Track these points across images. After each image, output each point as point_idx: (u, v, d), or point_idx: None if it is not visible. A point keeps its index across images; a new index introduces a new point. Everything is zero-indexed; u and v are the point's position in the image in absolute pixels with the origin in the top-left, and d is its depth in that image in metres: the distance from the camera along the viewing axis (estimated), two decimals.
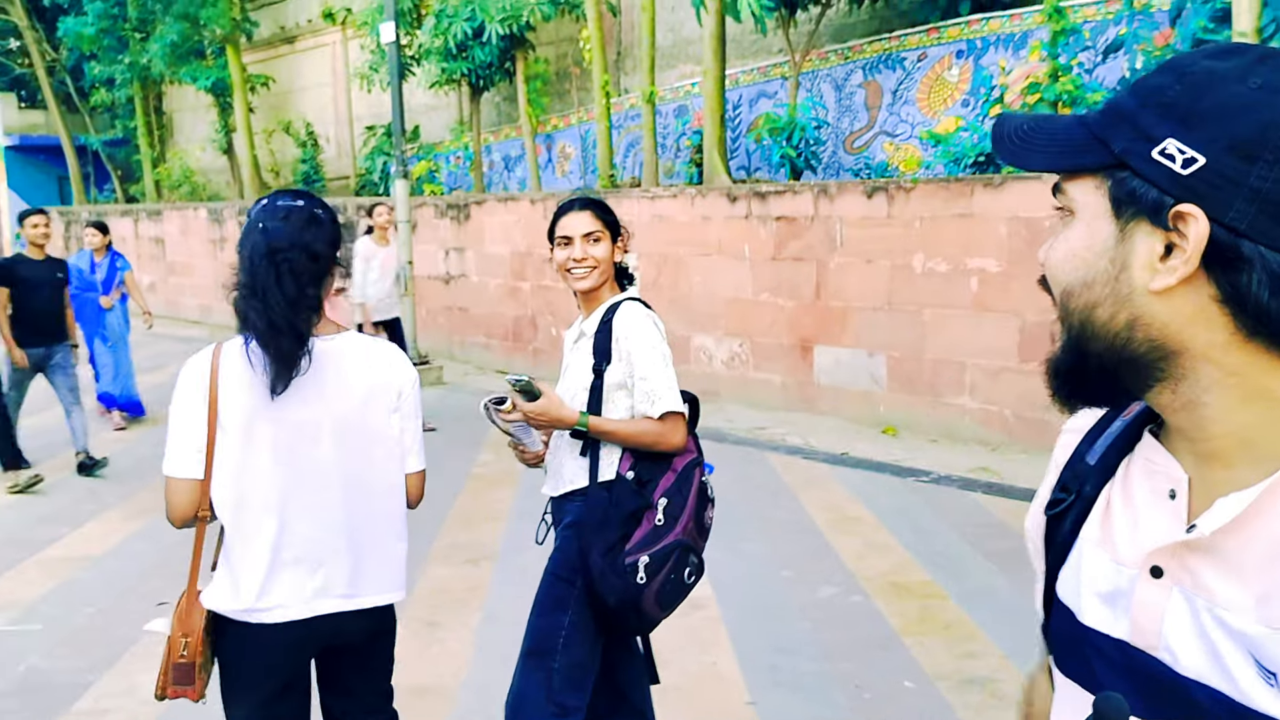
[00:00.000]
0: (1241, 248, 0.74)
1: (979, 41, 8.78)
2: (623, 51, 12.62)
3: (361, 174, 15.39)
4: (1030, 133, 0.85)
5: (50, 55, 20.61)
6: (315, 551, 2.16)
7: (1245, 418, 0.78)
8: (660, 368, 2.62)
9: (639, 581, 2.47)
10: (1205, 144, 0.75)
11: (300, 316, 2.08)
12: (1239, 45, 0.80)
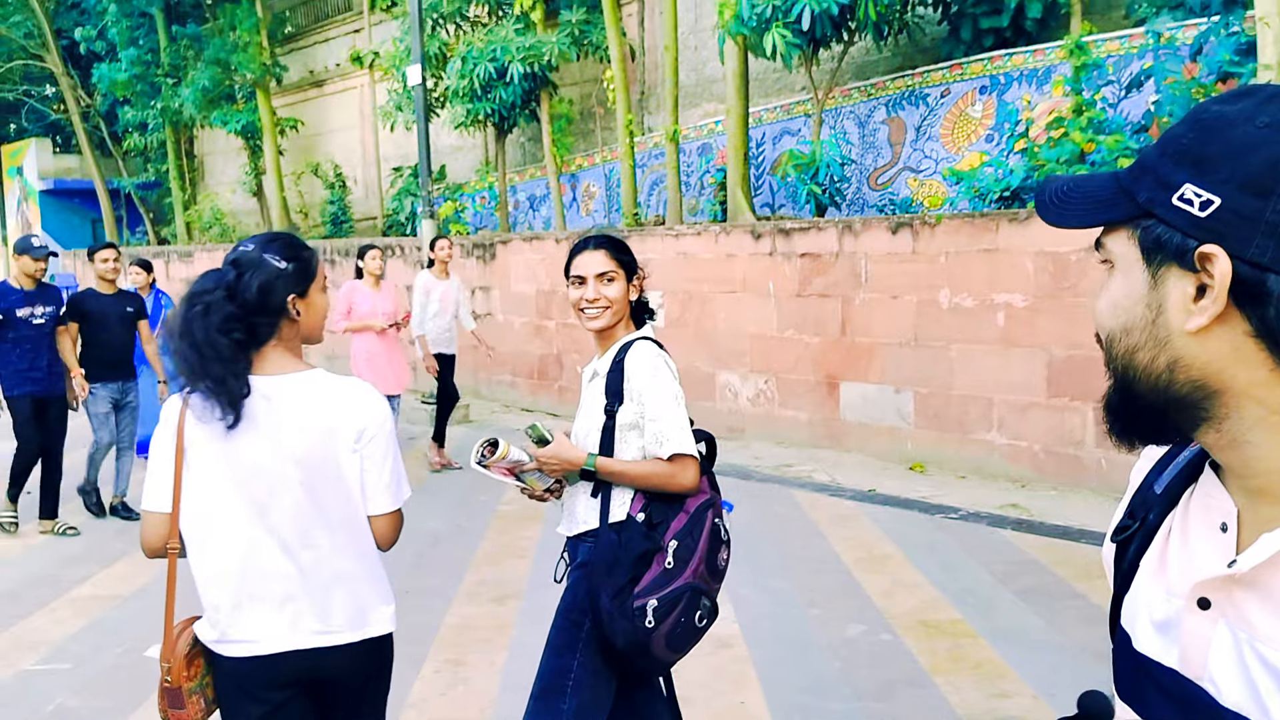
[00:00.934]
0: (1267, 282, 0.75)
1: (1002, 77, 8.79)
2: (646, 91, 12.74)
3: (389, 214, 15.56)
4: (1069, 194, 0.89)
5: (85, 101, 21.06)
6: (279, 588, 2.19)
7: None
8: (670, 409, 2.60)
9: (647, 625, 2.45)
10: (1219, 185, 0.77)
11: (212, 358, 2.10)
12: (1253, 87, 0.82)
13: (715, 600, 2.62)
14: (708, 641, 4.50)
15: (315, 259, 2.31)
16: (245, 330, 2.15)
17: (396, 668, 2.41)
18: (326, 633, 2.22)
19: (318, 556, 2.21)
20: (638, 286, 2.79)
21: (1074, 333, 6.90)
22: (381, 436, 2.25)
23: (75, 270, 20.66)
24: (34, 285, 6.50)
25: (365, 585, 2.28)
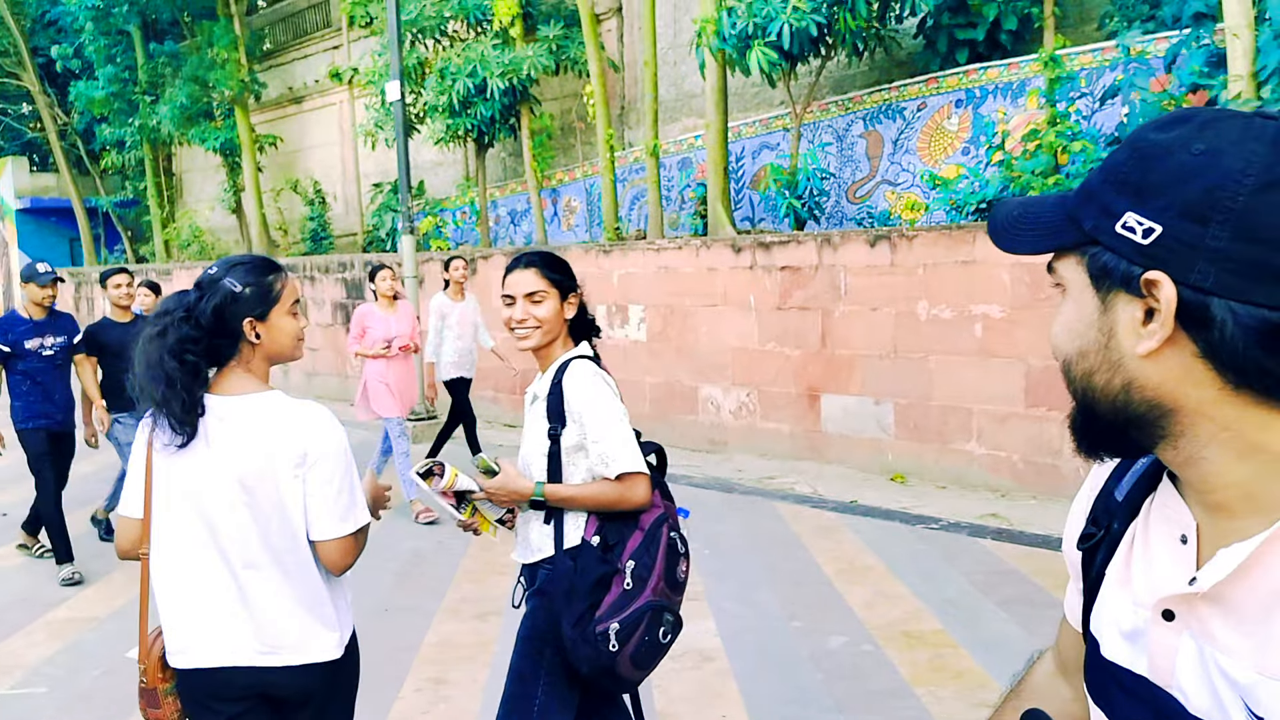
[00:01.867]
0: (1211, 306, 0.78)
1: (977, 90, 8.88)
2: (626, 106, 12.79)
3: (369, 231, 15.54)
4: (1019, 219, 0.92)
5: (62, 119, 20.94)
6: (223, 605, 2.24)
7: (1244, 472, 0.82)
8: (612, 428, 2.56)
9: (611, 649, 2.43)
10: (1159, 213, 0.80)
11: (159, 379, 2.16)
12: (1187, 113, 0.84)
13: (678, 613, 2.59)
14: (690, 655, 4.51)
15: (278, 283, 2.31)
16: (203, 352, 2.21)
17: (378, 686, 2.40)
18: (267, 653, 2.25)
19: (261, 578, 2.23)
20: (574, 304, 2.72)
21: None
22: (328, 460, 2.24)
23: None
24: (44, 314, 6.15)
25: (307, 611, 2.28)
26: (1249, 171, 0.77)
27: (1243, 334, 0.77)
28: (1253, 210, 0.76)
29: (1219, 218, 0.77)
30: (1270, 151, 0.78)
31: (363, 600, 5.24)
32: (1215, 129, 0.80)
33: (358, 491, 2.31)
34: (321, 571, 2.30)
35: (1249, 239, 0.76)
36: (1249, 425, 0.80)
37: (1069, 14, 8.89)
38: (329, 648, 2.30)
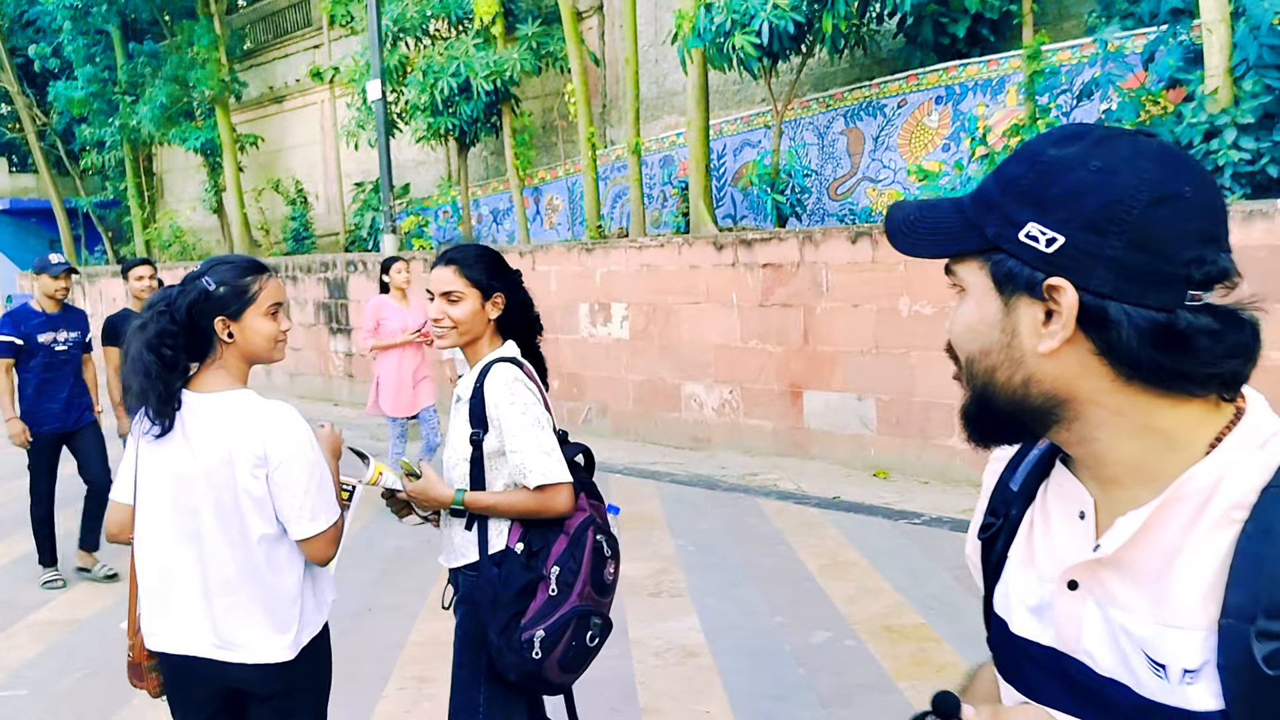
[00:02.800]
0: (1109, 309, 0.86)
1: (957, 87, 8.93)
2: (608, 104, 12.79)
3: (351, 230, 15.49)
4: (916, 222, 0.97)
5: (41, 119, 20.77)
6: (187, 596, 2.32)
7: (1133, 449, 0.90)
8: (530, 437, 2.49)
9: (535, 657, 2.41)
10: (1061, 224, 0.87)
11: (138, 371, 2.25)
12: (1080, 129, 0.92)
13: (606, 616, 2.57)
14: (673, 651, 4.53)
15: (254, 284, 2.34)
16: (180, 347, 2.26)
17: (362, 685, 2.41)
18: (223, 648, 2.31)
19: (220, 575, 2.30)
20: (499, 305, 2.64)
21: None
22: (290, 463, 2.27)
23: (32, 290, 20.35)
24: (57, 308, 5.94)
25: (259, 611, 2.31)
26: (1141, 188, 0.85)
27: (1137, 334, 0.85)
28: (1145, 223, 0.85)
29: (1115, 229, 0.85)
30: (1158, 169, 0.86)
31: (346, 599, 5.24)
32: (1109, 147, 0.88)
33: (325, 489, 2.33)
34: (281, 572, 2.33)
35: (1142, 248, 0.85)
36: (1139, 410, 0.89)
37: (1048, 10, 8.94)
38: (278, 650, 2.32)
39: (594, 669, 2.60)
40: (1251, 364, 0.90)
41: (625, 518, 6.95)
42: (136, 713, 4.10)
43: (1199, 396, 0.89)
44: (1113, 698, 0.91)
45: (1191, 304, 0.85)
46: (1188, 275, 0.85)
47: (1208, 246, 0.86)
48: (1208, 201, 0.87)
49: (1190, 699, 0.85)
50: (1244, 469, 0.87)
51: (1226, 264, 0.87)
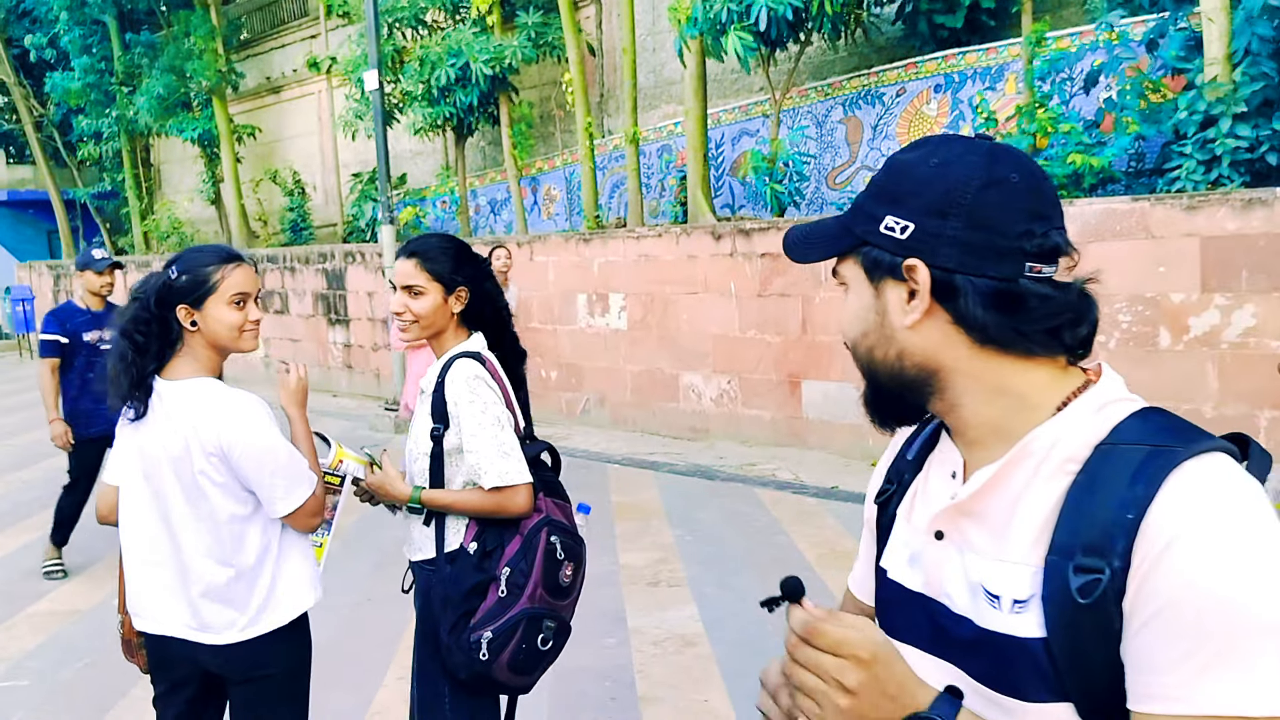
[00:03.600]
0: (955, 281, 1.00)
1: (956, 75, 8.91)
2: (605, 93, 12.76)
3: (349, 221, 15.46)
4: (808, 235, 1.13)
5: (38, 110, 20.72)
6: (162, 576, 2.39)
7: (992, 411, 1.03)
8: (488, 437, 2.44)
9: (482, 658, 2.38)
10: (911, 213, 1.02)
11: (113, 355, 2.37)
12: (925, 139, 1.08)
13: (562, 619, 2.51)
14: (672, 640, 4.54)
15: (216, 273, 2.37)
16: (151, 333, 2.34)
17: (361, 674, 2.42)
18: (197, 630, 2.38)
19: (189, 557, 2.36)
20: (462, 298, 2.58)
21: None
22: (250, 453, 2.31)
23: (31, 283, 20.33)
24: (102, 305, 5.73)
25: (228, 592, 2.36)
26: (973, 176, 1.00)
27: (980, 299, 0.99)
28: (979, 205, 0.99)
29: (955, 212, 1.00)
30: (986, 161, 1.01)
31: (345, 590, 5.25)
32: (945, 148, 1.04)
33: (293, 464, 2.38)
34: (248, 553, 2.37)
35: (978, 227, 0.99)
36: (993, 374, 1.02)
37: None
38: (237, 631, 2.37)
39: (593, 658, 2.61)
40: (1087, 326, 1.03)
41: (624, 508, 6.97)
42: (137, 703, 4.11)
43: (1043, 357, 1.02)
44: (961, 633, 1.02)
45: (1031, 274, 0.99)
46: (1021, 247, 0.98)
47: (1035, 222, 0.99)
48: (1034, 186, 1.01)
49: (1018, 627, 0.96)
50: (1081, 428, 0.98)
51: (1057, 239, 1.00)
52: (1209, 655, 0.86)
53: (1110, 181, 7.41)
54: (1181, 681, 0.87)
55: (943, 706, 0.94)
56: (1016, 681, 0.96)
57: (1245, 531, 0.87)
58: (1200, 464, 0.91)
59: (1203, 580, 0.86)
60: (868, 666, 0.93)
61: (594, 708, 3.98)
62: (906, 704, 0.94)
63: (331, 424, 10.63)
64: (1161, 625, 0.88)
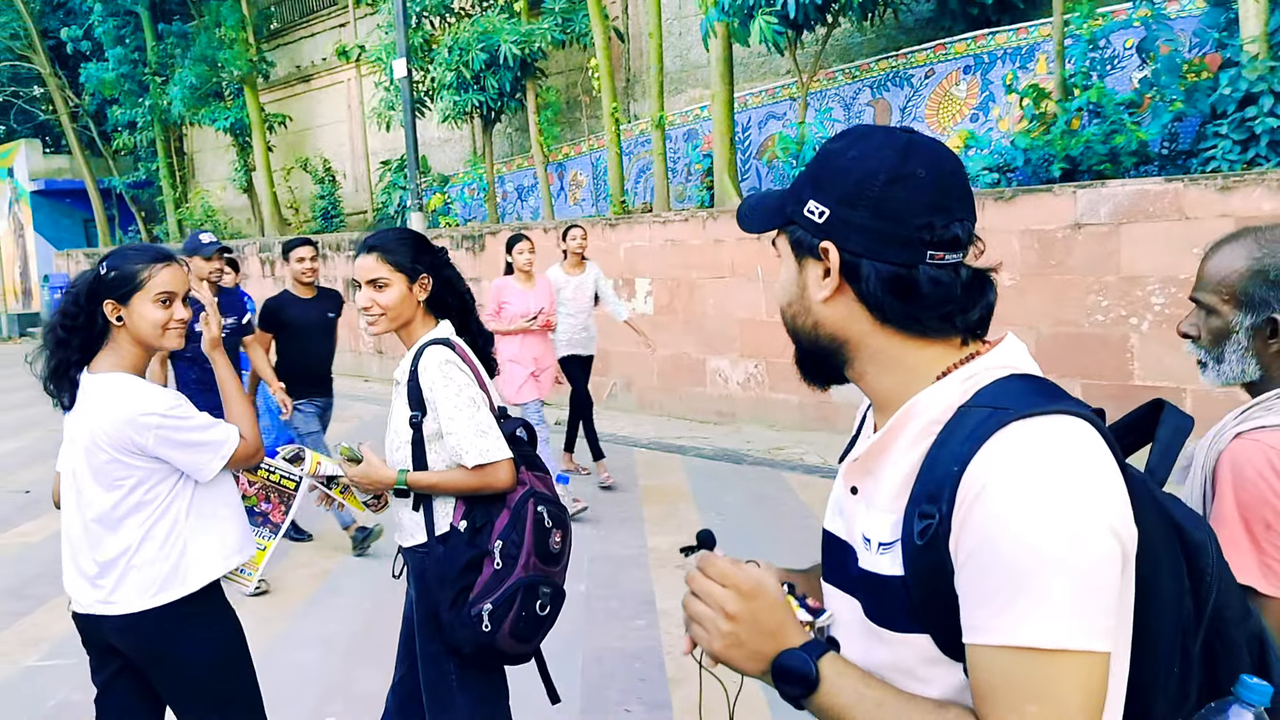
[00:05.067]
0: (861, 265, 1.10)
1: (986, 56, 8.83)
2: (631, 78, 12.75)
3: (378, 208, 15.58)
4: (755, 206, 1.25)
5: (73, 101, 20.99)
6: (73, 555, 2.53)
7: (889, 382, 1.14)
8: (464, 419, 2.53)
9: (485, 630, 2.48)
10: (828, 200, 1.12)
11: (45, 351, 2.49)
12: (849, 130, 1.16)
13: (556, 584, 2.62)
14: None
15: (144, 271, 2.46)
16: (78, 328, 2.45)
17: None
18: (101, 604, 2.48)
19: (82, 534, 2.49)
20: (425, 286, 2.66)
21: (1061, 310, 6.96)
22: (163, 437, 2.41)
23: (69, 271, 20.64)
24: (213, 291, 5.45)
25: (101, 565, 2.47)
26: (881, 170, 1.09)
27: (881, 283, 1.09)
28: (884, 198, 1.08)
29: (863, 202, 1.09)
30: (897, 156, 1.09)
31: (378, 574, 5.33)
32: (866, 140, 1.12)
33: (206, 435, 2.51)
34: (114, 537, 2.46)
35: (883, 217, 1.08)
36: (891, 350, 1.13)
37: None
38: (93, 603, 2.48)
39: (622, 640, 2.64)
40: (979, 311, 1.11)
41: (652, 491, 7.01)
42: None
43: (937, 338, 1.11)
44: (857, 575, 1.14)
45: (932, 261, 1.08)
46: (921, 238, 1.07)
47: (936, 215, 1.07)
48: (939, 181, 1.09)
49: (885, 567, 1.08)
50: (948, 395, 1.08)
51: (957, 230, 1.08)
52: (1010, 591, 0.95)
53: (1144, 162, 7.33)
54: (990, 614, 0.97)
55: (812, 648, 1.08)
56: (888, 614, 1.08)
57: (1046, 480, 0.96)
58: (1026, 424, 1.00)
59: (1005, 523, 0.96)
60: (748, 599, 1.10)
61: (623, 689, 4.02)
62: (782, 642, 1.09)
63: (364, 408, 10.75)
64: (975, 564, 0.98)
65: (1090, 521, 0.95)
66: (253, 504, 2.77)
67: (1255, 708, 1.03)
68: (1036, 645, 0.94)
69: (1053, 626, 0.94)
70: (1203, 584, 1.07)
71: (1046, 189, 7.01)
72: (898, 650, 1.07)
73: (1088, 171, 7.32)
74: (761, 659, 1.10)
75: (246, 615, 5.12)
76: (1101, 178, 7.15)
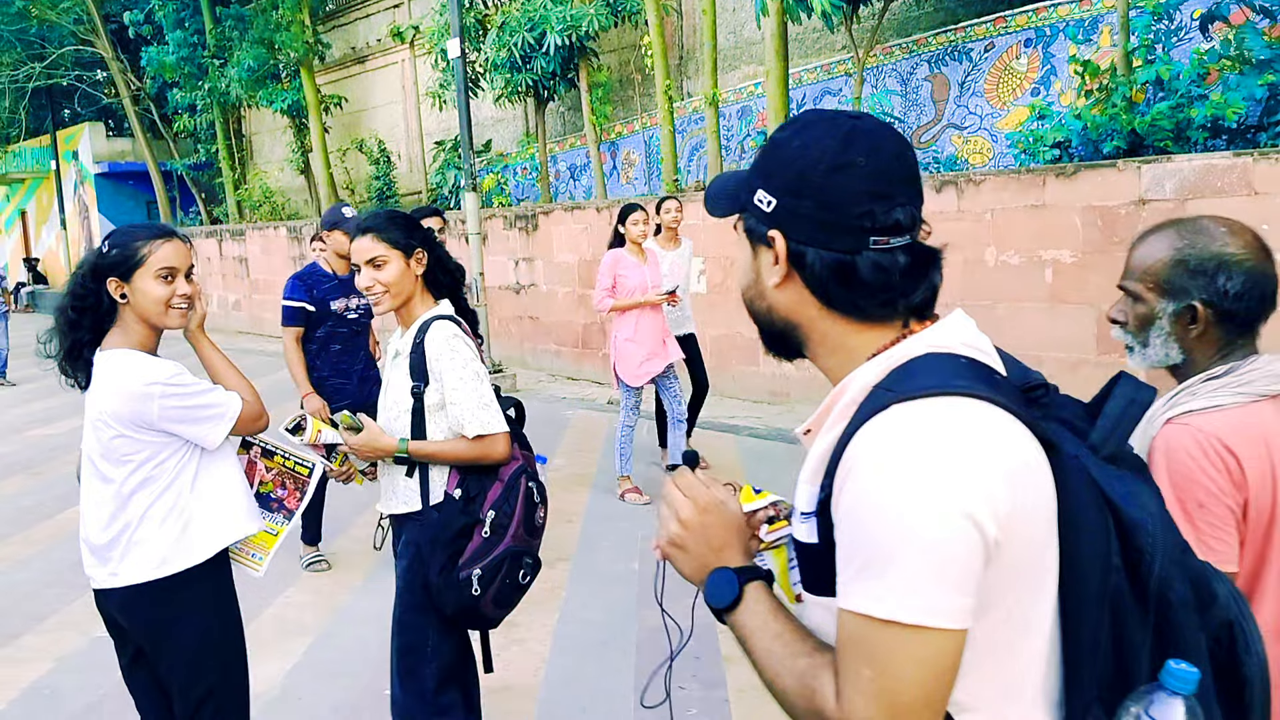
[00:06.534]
0: (806, 253, 1.14)
1: (1048, 28, 8.62)
2: (685, 55, 12.67)
3: (433, 189, 15.69)
4: (719, 191, 1.28)
5: (135, 84, 21.39)
6: (83, 532, 2.57)
7: (834, 363, 1.19)
8: (469, 390, 2.65)
9: (474, 594, 2.60)
10: (775, 190, 1.16)
11: (58, 333, 2.51)
12: (798, 117, 1.19)
13: (537, 556, 2.77)
14: None
15: (144, 248, 2.46)
16: (84, 308, 2.47)
17: None
18: (108, 577, 2.52)
19: (97, 513, 2.52)
20: (421, 261, 2.77)
21: None
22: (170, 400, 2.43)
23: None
24: (348, 269, 4.71)
25: (109, 537, 2.50)
26: (822, 160, 1.12)
27: (825, 271, 1.13)
28: (825, 187, 1.12)
29: (807, 192, 1.13)
30: (839, 145, 1.12)
31: None
32: (810, 129, 1.15)
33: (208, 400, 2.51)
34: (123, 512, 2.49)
35: (824, 206, 1.12)
36: (836, 333, 1.17)
37: None
38: (104, 577, 2.52)
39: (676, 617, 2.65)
40: (921, 293, 1.15)
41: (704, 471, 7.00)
42: None
43: (878, 323, 1.15)
44: (798, 548, 1.18)
45: (876, 247, 1.11)
46: (861, 225, 1.11)
47: (877, 202, 1.10)
48: (880, 168, 1.11)
49: (804, 534, 1.13)
50: (868, 375, 1.12)
51: (898, 216, 1.11)
52: (861, 562, 1.02)
53: (1213, 137, 7.13)
54: (845, 580, 1.04)
55: (745, 572, 1.19)
56: (809, 579, 1.16)
57: (903, 463, 1.00)
58: (902, 407, 1.04)
59: (865, 499, 1.02)
60: (700, 512, 1.22)
61: (677, 666, 4.04)
62: (722, 559, 1.21)
63: None
64: (842, 533, 1.05)
65: (939, 505, 0.98)
66: (269, 490, 2.80)
67: (1183, 695, 1.02)
68: (873, 615, 1.00)
69: (889, 599, 0.99)
70: (1141, 563, 1.07)
71: (1110, 164, 6.85)
72: (817, 612, 1.14)
73: (1150, 147, 7.14)
74: (701, 569, 1.22)
75: (306, 590, 5.26)
76: (1165, 153, 6.96)
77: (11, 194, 29.44)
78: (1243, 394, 1.62)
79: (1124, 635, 1.08)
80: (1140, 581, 1.07)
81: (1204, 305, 1.65)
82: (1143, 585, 1.07)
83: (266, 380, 11.85)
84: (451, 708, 2.78)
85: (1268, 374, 1.63)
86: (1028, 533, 1.02)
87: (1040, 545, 1.05)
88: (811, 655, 1.09)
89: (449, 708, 2.77)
